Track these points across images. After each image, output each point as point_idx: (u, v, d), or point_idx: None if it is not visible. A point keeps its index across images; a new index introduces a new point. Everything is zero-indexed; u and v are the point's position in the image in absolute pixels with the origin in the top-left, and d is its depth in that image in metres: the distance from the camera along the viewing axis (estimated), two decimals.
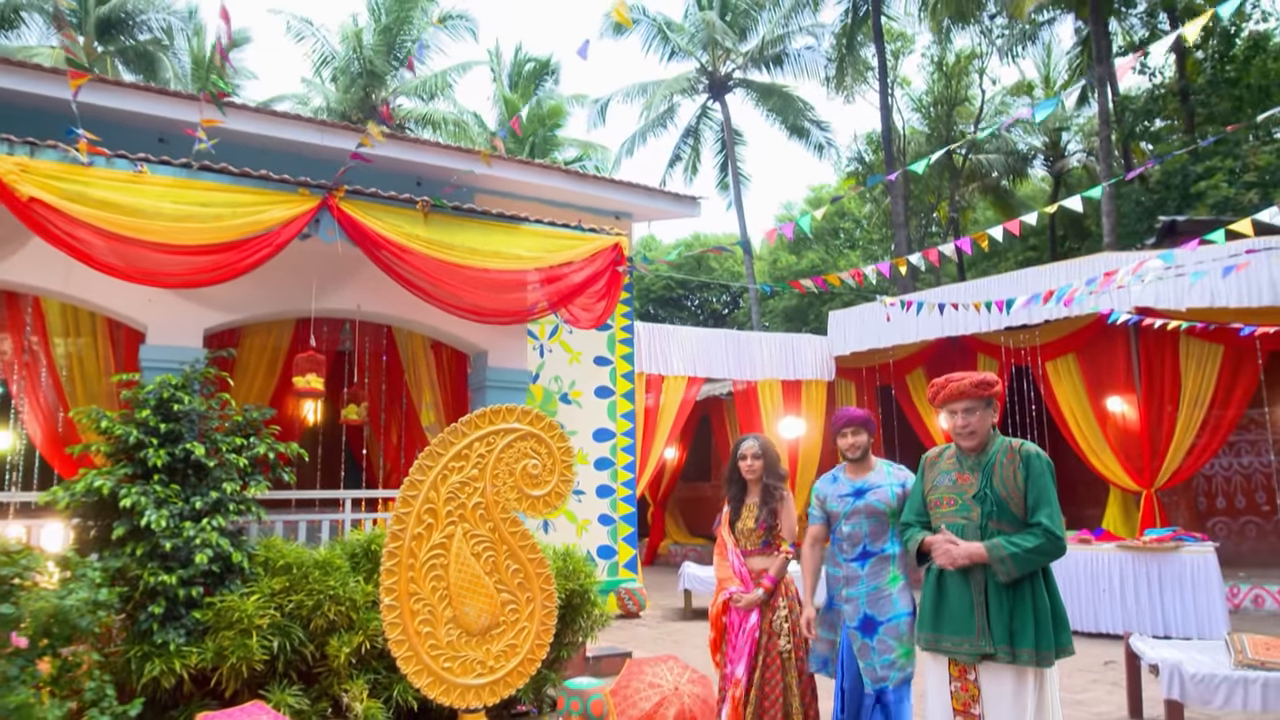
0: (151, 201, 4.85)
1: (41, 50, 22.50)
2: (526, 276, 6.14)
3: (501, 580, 4.63)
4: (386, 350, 6.56)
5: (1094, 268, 9.19)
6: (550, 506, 4.80)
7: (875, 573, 3.72)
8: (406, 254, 5.57)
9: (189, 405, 4.72)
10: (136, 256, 4.83)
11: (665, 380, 10.93)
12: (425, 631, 4.39)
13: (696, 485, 15.96)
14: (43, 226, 4.59)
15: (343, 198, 5.37)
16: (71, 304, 5.45)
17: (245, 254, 5.07)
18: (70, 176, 4.68)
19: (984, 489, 3.03)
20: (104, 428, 4.52)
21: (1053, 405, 10.08)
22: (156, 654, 4.29)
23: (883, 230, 29.27)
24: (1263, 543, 10.35)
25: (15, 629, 3.66)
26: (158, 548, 4.38)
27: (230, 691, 4.49)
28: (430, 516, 4.48)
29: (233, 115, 6.65)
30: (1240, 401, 9.01)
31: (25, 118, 5.91)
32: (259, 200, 5.15)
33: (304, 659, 4.71)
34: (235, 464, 4.79)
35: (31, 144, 4.68)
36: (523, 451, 4.75)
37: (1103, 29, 18.36)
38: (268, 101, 27.93)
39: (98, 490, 4.32)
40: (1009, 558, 2.89)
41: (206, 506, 4.61)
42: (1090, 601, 7.73)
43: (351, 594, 4.80)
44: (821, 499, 3.98)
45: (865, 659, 3.65)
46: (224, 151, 5.42)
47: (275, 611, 4.57)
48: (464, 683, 4.44)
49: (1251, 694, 4.28)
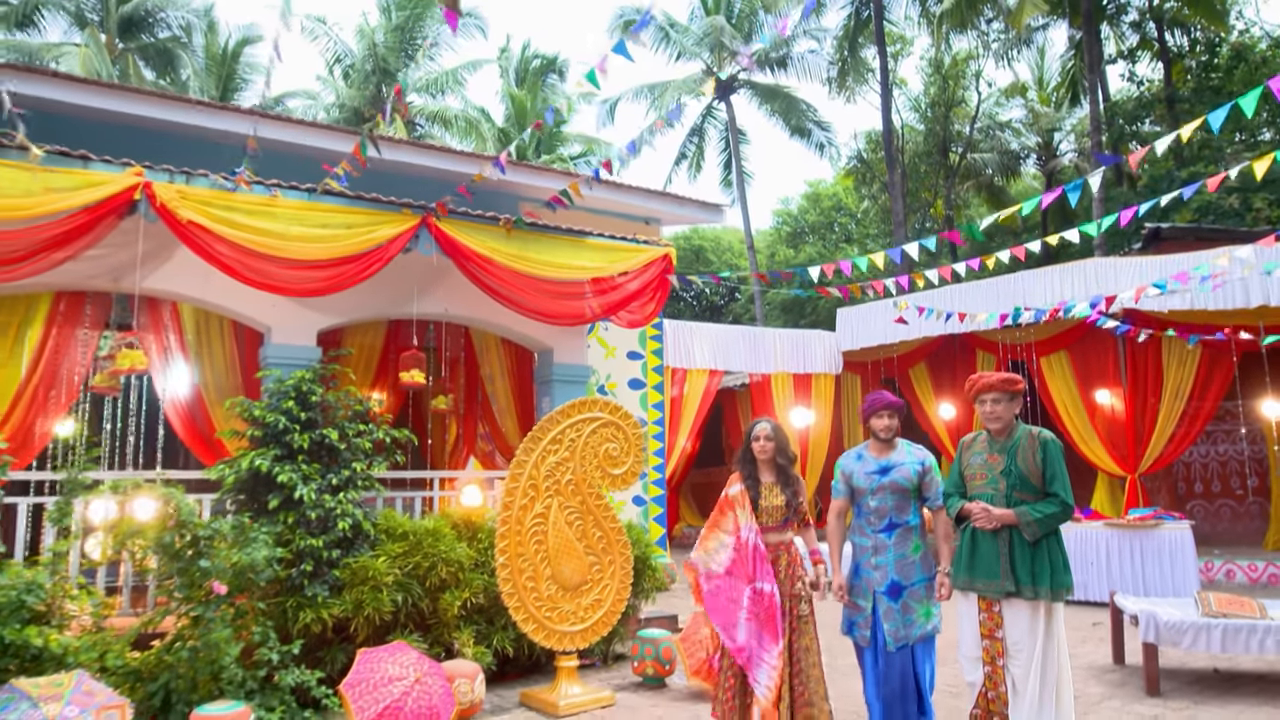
0: (283, 224, 5.65)
1: (66, 48, 23.02)
2: (589, 284, 6.97)
3: (589, 545, 5.50)
4: (465, 348, 7.39)
5: (1084, 272, 10.10)
6: (626, 483, 5.67)
7: (901, 542, 4.34)
8: (490, 265, 6.39)
9: (321, 396, 5.56)
10: (271, 270, 5.63)
11: (689, 373, 11.79)
12: (530, 586, 5.25)
13: (709, 471, 16.84)
14: (198, 244, 5.39)
15: (439, 217, 6.19)
16: (204, 308, 6.25)
17: (360, 267, 5.88)
18: (219, 201, 5.47)
19: (1010, 466, 3.92)
20: (256, 415, 5.35)
21: (1045, 397, 10.98)
22: (307, 605, 5.14)
23: (879, 225, 30.17)
24: (1236, 524, 11.32)
25: (215, 579, 4.51)
26: (305, 516, 5.23)
27: (361, 638, 5.34)
28: (533, 491, 5.34)
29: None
30: (1216, 395, 9.94)
31: (176, 145, 6.70)
32: (370, 220, 5.95)
33: (420, 612, 5.57)
34: (360, 446, 5.63)
35: (187, 173, 5.47)
36: (605, 436, 5.61)
37: (1094, 37, 19.22)
38: (280, 97, 28.53)
39: (257, 468, 5.16)
40: (1034, 522, 3.79)
41: (340, 482, 5.45)
42: (1079, 573, 8.64)
43: (459, 557, 5.65)
44: (847, 475, 4.51)
45: (890, 621, 4.26)
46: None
47: (398, 571, 5.41)
48: (561, 629, 5.32)
49: (1213, 638, 5.20)
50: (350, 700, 4.41)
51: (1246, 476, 11.22)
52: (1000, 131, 26.95)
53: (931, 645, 4.36)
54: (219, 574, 4.49)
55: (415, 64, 26.82)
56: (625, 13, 25.04)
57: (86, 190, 5.09)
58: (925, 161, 26.59)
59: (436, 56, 27.63)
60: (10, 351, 5.65)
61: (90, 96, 6.73)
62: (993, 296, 10.50)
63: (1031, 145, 27.43)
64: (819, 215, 33.70)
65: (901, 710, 4.26)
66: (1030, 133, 27.25)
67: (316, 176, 5.88)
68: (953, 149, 26.21)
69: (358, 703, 4.40)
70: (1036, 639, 3.79)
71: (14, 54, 22.71)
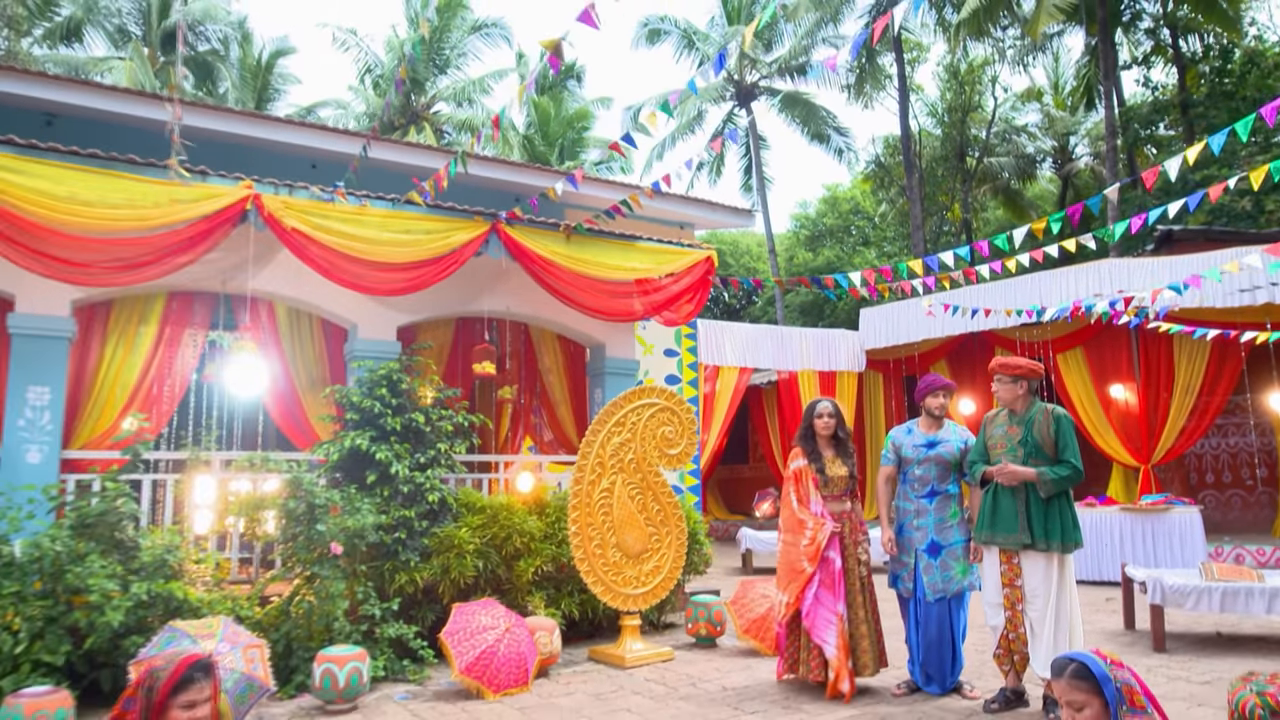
0: (372, 230, 6.30)
1: (112, 62, 23.91)
2: (634, 284, 7.59)
3: (648, 517, 6.12)
4: (525, 343, 8.03)
5: (1100, 272, 10.63)
6: (681, 462, 6.30)
7: (941, 507, 5.00)
8: (551, 266, 7.02)
9: (408, 384, 6.21)
10: (361, 272, 6.28)
11: (720, 370, 12.41)
12: (598, 553, 5.88)
13: (734, 467, 17.43)
14: (299, 249, 6.06)
15: (508, 223, 6.83)
16: (296, 307, 6.92)
17: (438, 269, 6.52)
18: (317, 211, 6.13)
19: (1026, 436, 4.53)
20: (354, 401, 6.01)
21: (1062, 392, 11.52)
22: (402, 568, 5.79)
23: (896, 228, 30.68)
24: (1246, 512, 11.81)
25: (332, 541, 5.16)
26: (398, 490, 5.88)
27: (447, 599, 5.98)
28: (600, 468, 5.97)
29: (426, 154, 8.18)
30: (1225, 389, 10.46)
31: (269, 159, 7.38)
32: (447, 227, 6.60)
33: (498, 577, 6.21)
34: (443, 429, 6.28)
35: (289, 185, 6.14)
36: (661, 420, 6.23)
37: (1109, 45, 19.70)
38: (312, 106, 29.40)
39: (357, 446, 5.81)
40: (1050, 481, 4.41)
41: (427, 460, 6.10)
42: (1095, 554, 9.19)
43: (530, 529, 6.28)
44: (897, 446, 5.19)
45: (929, 575, 4.92)
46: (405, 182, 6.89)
47: (478, 540, 6.05)
48: (625, 592, 5.94)
49: (1214, 599, 5.76)
50: (450, 646, 5.05)
51: (1256, 467, 11.71)
52: (1016, 135, 27.40)
53: (965, 599, 4.97)
54: (334, 537, 5.15)
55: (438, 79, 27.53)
56: (650, 21, 25.68)
57: (206, 201, 5.76)
58: (942, 165, 27.08)
59: (463, 66, 28.40)
60: (130, 346, 6.34)
61: (210, 120, 7.41)
62: (1011, 296, 11.05)
63: (1047, 149, 27.85)
64: (836, 218, 34.20)
65: (938, 654, 4.87)
66: (1046, 136, 27.68)
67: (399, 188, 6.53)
68: (970, 153, 26.69)
69: (457, 648, 5.04)
70: (1051, 587, 4.38)
71: (62, 67, 23.63)
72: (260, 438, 7.57)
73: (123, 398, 6.24)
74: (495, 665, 5.03)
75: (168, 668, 2.51)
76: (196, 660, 2.55)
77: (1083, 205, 5.39)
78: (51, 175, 5.33)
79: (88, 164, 5.49)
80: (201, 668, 2.55)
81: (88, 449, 6.01)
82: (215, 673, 2.61)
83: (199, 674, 2.52)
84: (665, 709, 4.75)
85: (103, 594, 4.66)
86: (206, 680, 2.54)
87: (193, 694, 2.48)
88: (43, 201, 5.26)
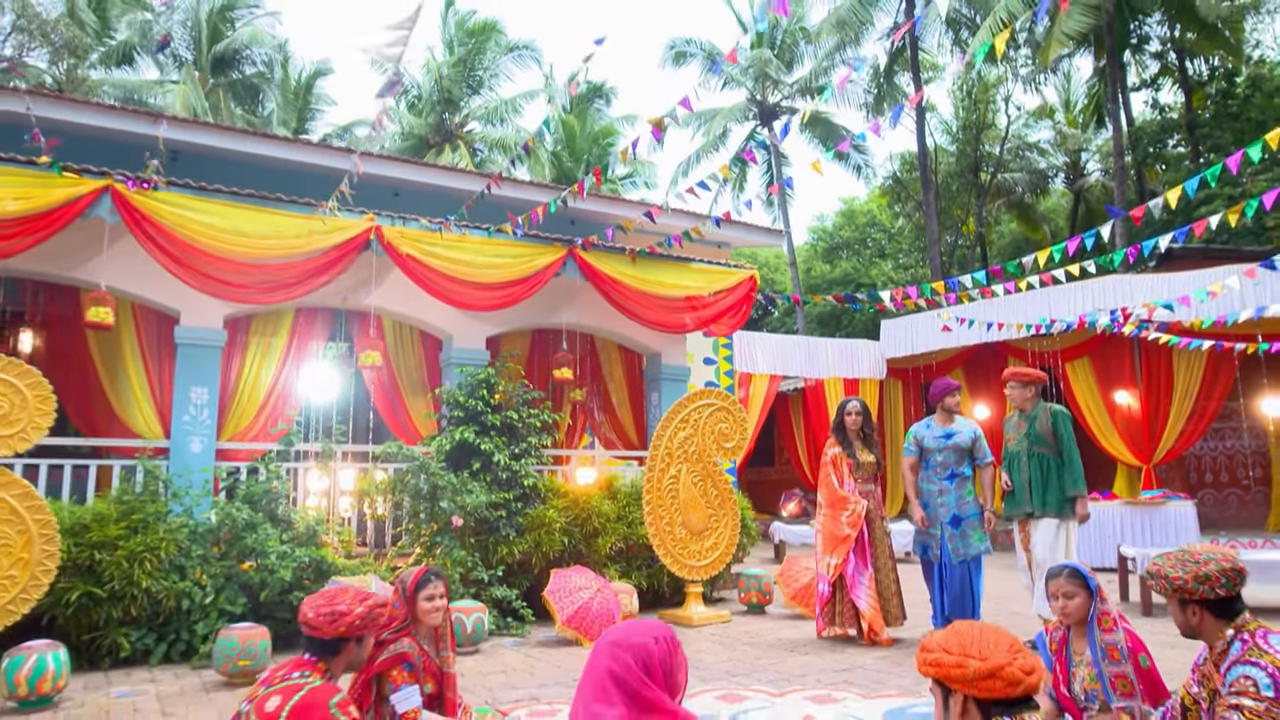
0: (470, 255, 7.40)
1: (167, 86, 25.22)
2: (687, 300, 8.64)
3: (708, 501, 7.16)
4: (590, 352, 9.09)
5: (1104, 288, 11.61)
6: (735, 455, 7.34)
7: (959, 487, 6.04)
8: (619, 285, 8.09)
9: (503, 387, 7.29)
10: (462, 290, 7.36)
11: (753, 377, 13.44)
12: (668, 530, 6.92)
13: (762, 470, 18.42)
14: (412, 271, 7.15)
15: (583, 249, 7.91)
16: (400, 320, 8.01)
17: (525, 288, 7.60)
18: (426, 239, 7.23)
19: (1030, 430, 5.61)
20: (460, 400, 7.09)
21: (1070, 398, 12.48)
22: (502, 542, 6.85)
23: (912, 240, 31.67)
24: (1242, 510, 12.73)
25: (454, 515, 6.23)
26: (498, 476, 6.95)
27: (537, 570, 7.03)
28: (668, 458, 7.02)
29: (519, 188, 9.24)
30: (1220, 395, 11.40)
31: (379, 194, 8.48)
32: (532, 252, 7.68)
33: (579, 551, 7.26)
34: (533, 425, 7.35)
35: (404, 218, 7.24)
36: (719, 418, 7.28)
37: (1117, 70, 20.66)
38: (348, 126, 30.72)
39: (465, 439, 6.89)
40: (1075, 485, 5.50)
41: (520, 452, 7.17)
42: (1098, 543, 10.14)
43: (606, 511, 7.33)
44: (919, 439, 6.25)
45: (953, 544, 5.97)
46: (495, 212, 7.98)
47: (563, 520, 7.10)
48: (690, 564, 6.98)
49: None
50: (554, 602, 6.10)
51: (1250, 468, 12.63)
52: (1029, 152, 28.34)
53: (981, 561, 5.99)
54: (455, 512, 6.22)
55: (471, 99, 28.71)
56: (676, 44, 26.82)
57: (338, 232, 6.87)
58: (957, 181, 28.05)
59: (496, 87, 29.62)
60: (266, 353, 7.44)
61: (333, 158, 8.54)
62: (1022, 309, 12.03)
63: (1059, 164, 28.76)
64: (853, 231, 35.18)
65: (960, 608, 5.89)
66: (1058, 153, 28.61)
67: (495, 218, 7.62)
68: (984, 168, 27.66)
69: (559, 604, 6.09)
70: (1059, 550, 5.40)
71: (119, 91, 24.95)
72: (370, 431, 8.67)
73: (259, 397, 7.34)
74: (590, 618, 6.08)
75: (412, 572, 3.54)
76: (430, 568, 3.58)
77: (1079, 238, 6.38)
78: (218, 211, 6.45)
79: (245, 201, 6.61)
80: (435, 572, 3.57)
81: (234, 440, 7.11)
82: (445, 580, 3.63)
83: (434, 576, 3.54)
84: (733, 652, 5.78)
85: (278, 555, 5.75)
86: (439, 581, 3.55)
87: (430, 590, 3.49)
88: (210, 233, 6.38)
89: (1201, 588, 2.64)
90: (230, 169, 8.12)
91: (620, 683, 1.82)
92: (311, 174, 8.44)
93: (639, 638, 1.89)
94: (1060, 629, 3.53)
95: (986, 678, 1.79)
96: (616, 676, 1.83)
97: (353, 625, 2.65)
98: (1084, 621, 3.39)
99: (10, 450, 5.04)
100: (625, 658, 1.84)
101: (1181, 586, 2.66)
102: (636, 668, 1.83)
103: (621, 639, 1.89)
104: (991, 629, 1.89)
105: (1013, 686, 1.77)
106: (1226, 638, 2.65)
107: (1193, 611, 2.70)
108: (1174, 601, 2.76)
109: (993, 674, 1.78)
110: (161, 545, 5.65)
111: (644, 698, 1.83)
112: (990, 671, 1.79)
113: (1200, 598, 2.65)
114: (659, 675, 1.86)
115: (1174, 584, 2.67)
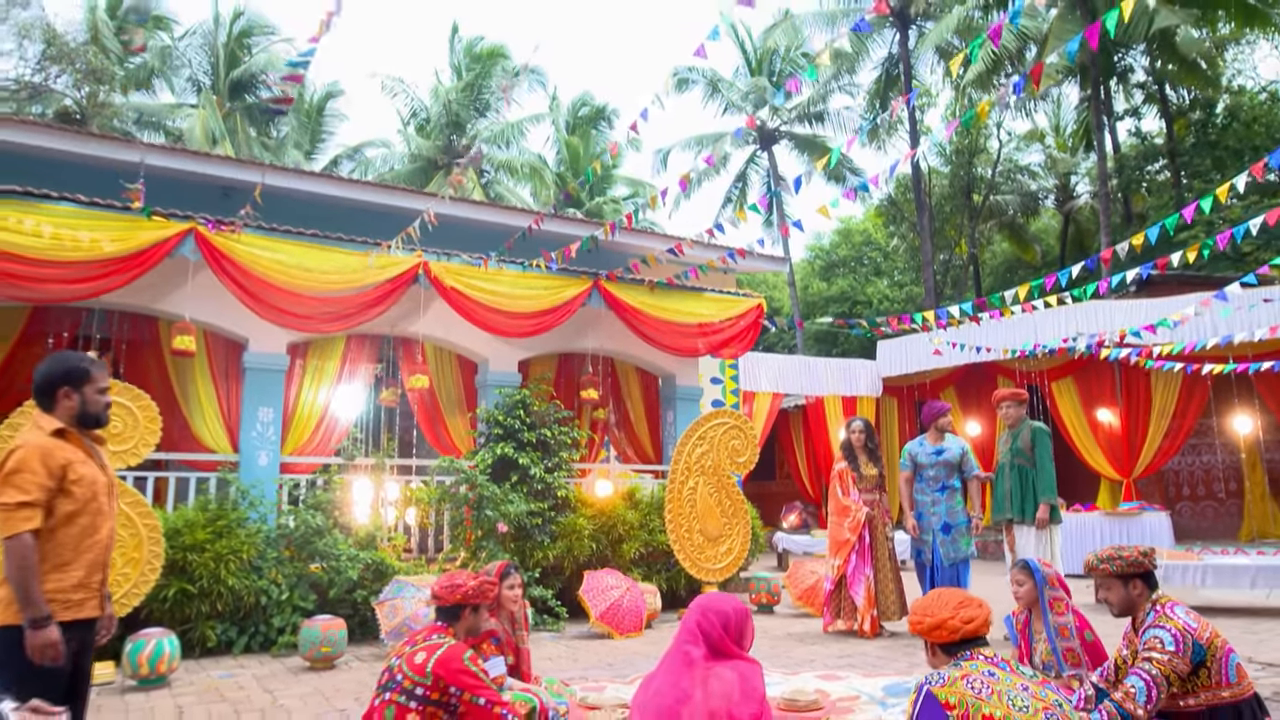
0: (506, 287, 8.17)
1: (185, 110, 26.03)
2: (699, 326, 9.42)
3: (722, 510, 7.92)
4: (610, 374, 9.87)
5: (1087, 312, 12.42)
6: (746, 469, 8.12)
7: (949, 498, 6.81)
8: (638, 313, 8.87)
9: (536, 406, 8.06)
10: (499, 319, 8.14)
11: (756, 395, 14.21)
12: (686, 536, 7.68)
13: (763, 484, 19.16)
14: (457, 303, 7.92)
15: (606, 280, 8.69)
16: (440, 345, 8.77)
17: (556, 316, 8.38)
18: (468, 272, 8.00)
19: (1013, 443, 6.39)
20: (499, 419, 7.85)
21: (1056, 415, 13.27)
22: (537, 547, 7.60)
23: (906, 260, 32.57)
24: (1218, 521, 13.52)
25: (500, 522, 6.98)
26: (534, 488, 7.71)
27: (568, 574, 7.76)
28: (687, 471, 7.78)
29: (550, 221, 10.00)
30: (1195, 413, 12.21)
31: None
32: (562, 283, 8.46)
33: (605, 557, 8.00)
34: (564, 442, 8.11)
35: (447, 253, 8.01)
36: (731, 435, 8.05)
37: (1101, 101, 21.59)
38: (358, 147, 31.57)
39: (504, 454, 7.64)
40: (1046, 493, 6.26)
41: (553, 465, 7.93)
42: (1078, 552, 10.90)
43: (630, 520, 8.08)
44: (913, 455, 6.99)
45: (944, 548, 6.75)
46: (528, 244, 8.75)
47: (592, 527, 7.85)
48: (706, 567, 7.73)
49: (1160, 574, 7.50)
50: (588, 600, 6.85)
51: (1225, 481, 13.42)
52: (1020, 175, 29.31)
53: (968, 564, 6.76)
54: (500, 520, 6.97)
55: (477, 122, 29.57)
56: (679, 71, 27.74)
57: (391, 267, 7.64)
58: (950, 203, 28.98)
59: (503, 110, 30.48)
60: (321, 376, 8.20)
61: (386, 196, 9.31)
62: (1010, 332, 12.82)
63: (1050, 186, 29.72)
64: (850, 250, 36.07)
65: None
66: (1049, 175, 29.58)
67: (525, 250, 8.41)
68: (976, 191, 28.58)
69: (593, 601, 6.83)
70: (1042, 554, 6.17)
71: (138, 113, 25.77)
72: (413, 447, 9.43)
73: (316, 415, 8.09)
74: (620, 614, 6.82)
75: (495, 565, 4.29)
76: (509, 562, 4.33)
77: (1055, 276, 7.19)
78: (286, 249, 7.23)
79: (309, 240, 7.38)
80: (514, 565, 4.32)
81: (294, 455, 7.85)
82: (520, 572, 4.37)
83: (513, 569, 4.30)
84: None
85: (348, 557, 6.50)
86: (518, 573, 4.30)
87: (512, 579, 4.24)
88: (278, 268, 7.15)
89: (1146, 561, 3.38)
90: (289, 204, 8.90)
91: (706, 633, 2.60)
92: (364, 211, 9.23)
93: (722, 605, 2.67)
94: (1024, 613, 4.30)
95: (936, 629, 2.61)
96: (703, 628, 2.60)
97: (467, 594, 3.39)
98: (1035, 604, 4.16)
99: (123, 464, 5.79)
100: (711, 617, 2.62)
101: (1134, 562, 3.39)
102: (718, 625, 2.61)
103: (709, 605, 2.68)
104: (950, 593, 2.68)
105: (953, 634, 2.57)
106: (1146, 609, 3.41)
107: (1134, 585, 3.44)
108: (1118, 582, 3.49)
109: (938, 626, 2.60)
110: (242, 548, 6.39)
111: (720, 646, 2.61)
112: (937, 624, 2.61)
113: (1140, 571, 3.39)
114: (734, 633, 2.64)
115: (1126, 561, 3.40)
